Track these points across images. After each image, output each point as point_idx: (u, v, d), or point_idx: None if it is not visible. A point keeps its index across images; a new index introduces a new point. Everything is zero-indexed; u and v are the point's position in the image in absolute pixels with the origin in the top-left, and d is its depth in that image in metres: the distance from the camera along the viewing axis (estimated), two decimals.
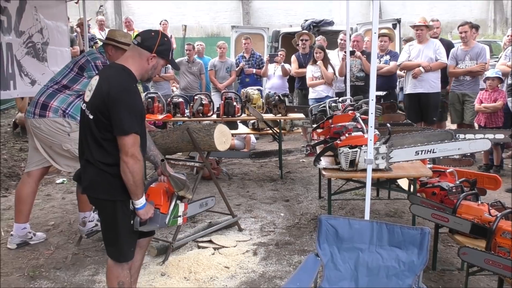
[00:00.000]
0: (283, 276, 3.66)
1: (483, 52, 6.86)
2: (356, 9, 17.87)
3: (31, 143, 4.28)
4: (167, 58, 2.80)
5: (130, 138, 2.52)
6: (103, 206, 2.72)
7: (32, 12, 5.39)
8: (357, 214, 5.02)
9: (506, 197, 5.39)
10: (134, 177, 2.54)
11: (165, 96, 7.51)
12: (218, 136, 4.21)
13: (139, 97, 2.71)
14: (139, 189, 2.59)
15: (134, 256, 2.81)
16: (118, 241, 2.70)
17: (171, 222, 2.82)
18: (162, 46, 2.71)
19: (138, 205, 2.62)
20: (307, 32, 9.01)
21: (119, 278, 2.75)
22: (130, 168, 2.52)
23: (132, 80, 2.66)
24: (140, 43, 2.68)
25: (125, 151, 2.52)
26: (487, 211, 3.10)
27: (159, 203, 2.76)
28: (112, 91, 2.53)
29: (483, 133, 4.81)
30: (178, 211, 2.85)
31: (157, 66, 2.76)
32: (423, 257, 2.51)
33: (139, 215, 2.65)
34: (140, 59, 2.69)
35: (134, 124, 2.54)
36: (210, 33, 20.02)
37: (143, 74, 2.75)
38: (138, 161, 2.54)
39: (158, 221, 2.74)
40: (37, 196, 4.96)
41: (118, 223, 2.67)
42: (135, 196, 2.60)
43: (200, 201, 4.10)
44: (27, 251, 4.22)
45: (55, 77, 4.22)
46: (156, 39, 2.70)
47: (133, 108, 2.57)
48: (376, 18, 3.47)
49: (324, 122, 4.44)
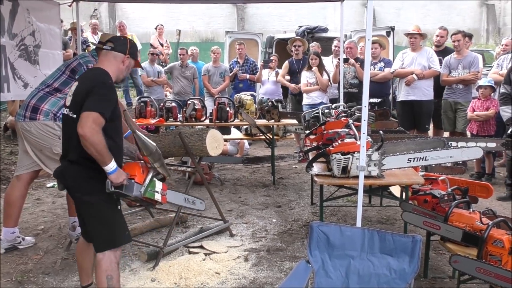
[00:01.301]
0: (274, 282, 3.64)
1: (476, 61, 6.91)
2: (351, 17, 17.98)
3: (21, 146, 4.23)
4: (136, 58, 3.15)
5: (95, 115, 2.66)
6: (88, 204, 2.85)
7: (24, 14, 5.36)
8: (349, 221, 5.01)
9: (497, 206, 5.41)
10: (95, 147, 2.65)
11: (158, 100, 7.50)
12: (210, 141, 4.18)
13: (114, 91, 2.88)
14: (105, 157, 2.70)
15: (130, 238, 3.01)
16: (112, 228, 2.89)
17: (148, 194, 2.94)
18: (132, 49, 3.07)
19: (108, 170, 2.73)
20: (300, 38, 9.03)
21: (107, 272, 2.83)
22: (89, 141, 2.63)
23: (109, 77, 2.88)
24: (113, 48, 3.00)
25: (83, 124, 2.63)
26: (478, 219, 3.09)
27: (134, 174, 2.91)
28: (90, 85, 2.79)
29: (475, 141, 4.82)
30: (154, 186, 3.00)
31: (129, 66, 3.09)
32: (414, 265, 2.50)
33: (111, 179, 2.76)
34: (115, 61, 2.99)
35: (103, 107, 2.71)
36: (204, 38, 20.02)
37: (119, 75, 3.03)
38: (97, 133, 2.65)
39: (133, 189, 2.85)
40: (27, 200, 4.92)
41: (108, 211, 2.86)
42: (103, 163, 2.71)
43: (186, 196, 4.01)
44: (15, 255, 4.17)
45: (47, 80, 4.19)
46: (127, 42, 3.07)
47: (105, 96, 2.78)
48: (370, 25, 3.47)
49: (317, 129, 4.43)
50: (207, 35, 20.25)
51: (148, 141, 3.14)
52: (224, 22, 20.04)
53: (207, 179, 5.88)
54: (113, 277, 2.84)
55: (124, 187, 2.82)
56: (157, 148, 3.19)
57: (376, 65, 7.60)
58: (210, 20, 20.29)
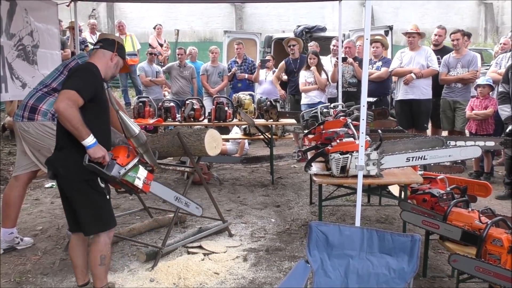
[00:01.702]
0: (273, 282, 3.63)
1: (475, 60, 6.91)
2: (349, 16, 18.01)
3: (19, 147, 4.22)
4: (124, 58, 3.35)
5: (72, 93, 2.79)
6: (78, 189, 3.01)
7: (22, 14, 5.34)
8: (348, 220, 5.01)
9: (496, 204, 5.41)
10: (70, 122, 2.78)
11: (157, 100, 7.48)
12: (208, 141, 4.18)
13: (96, 77, 3.03)
14: (81, 132, 2.82)
15: (116, 223, 3.22)
16: (99, 213, 3.08)
17: (126, 177, 3.05)
18: (120, 48, 3.28)
19: (86, 145, 2.85)
20: (294, 38, 9.02)
21: (101, 252, 3.10)
22: (63, 115, 2.75)
23: (94, 67, 3.06)
24: (102, 46, 3.22)
25: (58, 100, 2.77)
26: (477, 218, 3.09)
27: (117, 155, 3.04)
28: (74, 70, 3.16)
29: (473, 140, 4.82)
30: (137, 172, 3.12)
31: (118, 64, 3.28)
32: (413, 265, 2.49)
33: (89, 154, 2.88)
34: (104, 58, 3.19)
35: (80, 86, 2.84)
36: (203, 38, 20.03)
37: (107, 71, 3.20)
38: (71, 108, 2.77)
39: (112, 169, 2.97)
40: (25, 200, 4.92)
41: (94, 198, 3.03)
42: (80, 138, 2.84)
43: (179, 195, 4.00)
44: (14, 256, 4.16)
45: (45, 80, 4.17)
46: (115, 42, 3.28)
47: (85, 78, 2.94)
48: (368, 24, 3.47)
49: (316, 128, 4.42)
50: (205, 35, 20.27)
51: (131, 123, 3.23)
52: (222, 22, 20.06)
53: (205, 179, 5.88)
54: (106, 256, 3.12)
55: (105, 166, 2.94)
56: (141, 132, 3.27)
57: (374, 65, 7.59)
58: (208, 20, 20.31)
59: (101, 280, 3.17)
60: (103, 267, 3.13)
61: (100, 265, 3.11)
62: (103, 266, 3.13)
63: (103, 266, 3.13)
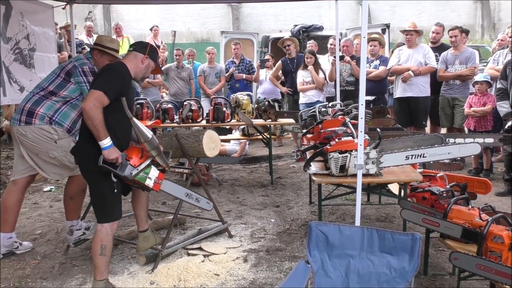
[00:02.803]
0: (274, 283, 3.62)
1: (473, 56, 6.91)
2: (346, 15, 18.02)
3: (17, 151, 4.20)
4: (156, 61, 3.51)
5: (98, 94, 3.04)
6: (91, 178, 3.31)
7: (18, 18, 5.33)
8: (348, 219, 5.00)
9: (496, 201, 5.40)
10: (92, 121, 3.02)
11: (154, 102, 7.47)
12: (207, 142, 4.16)
13: (123, 77, 3.25)
14: (100, 133, 3.06)
15: (119, 217, 3.41)
16: (104, 204, 3.30)
17: (138, 177, 3.25)
18: (152, 52, 3.47)
19: (102, 146, 3.08)
20: (289, 38, 9.01)
21: (102, 242, 3.27)
22: (88, 114, 3.00)
23: (125, 69, 3.27)
24: (135, 48, 3.42)
25: (86, 99, 3.04)
26: (477, 215, 3.08)
27: (131, 156, 3.26)
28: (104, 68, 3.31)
29: (473, 137, 4.81)
30: (149, 172, 3.31)
31: (148, 66, 3.46)
32: (414, 263, 2.48)
33: (103, 155, 3.11)
34: (135, 60, 3.38)
35: (109, 88, 3.09)
36: (200, 39, 20.02)
37: (137, 73, 3.40)
38: (96, 108, 3.01)
39: (125, 170, 3.19)
40: (24, 204, 4.90)
41: (102, 189, 3.25)
42: (98, 138, 3.08)
43: (189, 191, 4.05)
44: (13, 261, 4.14)
45: (42, 83, 4.15)
46: (148, 45, 3.49)
47: (112, 77, 3.16)
48: (365, 22, 3.45)
49: (314, 127, 4.41)
50: (202, 35, 20.26)
51: (144, 129, 3.32)
52: (219, 23, 20.06)
53: (204, 180, 5.87)
54: (106, 246, 3.28)
55: (118, 166, 3.16)
56: (153, 137, 3.35)
57: (371, 63, 7.58)
58: (205, 21, 20.30)
59: (101, 272, 3.31)
60: (103, 257, 3.28)
61: (100, 255, 3.27)
62: (103, 256, 3.28)
63: (104, 256, 3.28)
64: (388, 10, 19.96)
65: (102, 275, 3.32)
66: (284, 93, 8.53)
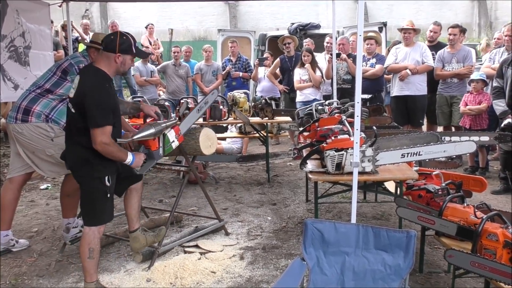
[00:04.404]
0: (270, 280, 3.63)
1: (470, 54, 6.93)
2: (343, 13, 18.00)
3: (13, 149, 4.19)
4: (131, 52, 3.30)
5: (100, 130, 3.05)
6: (84, 181, 3.28)
7: (13, 15, 5.32)
8: (344, 217, 5.01)
9: (491, 199, 5.43)
10: (111, 155, 3.14)
11: (152, 100, 7.46)
12: (203, 140, 4.16)
13: (111, 95, 3.20)
14: (121, 157, 3.19)
15: (109, 220, 3.42)
16: (94, 208, 3.29)
17: (166, 151, 3.55)
18: (123, 45, 3.22)
19: (129, 162, 3.23)
20: (289, 36, 9.00)
21: (90, 245, 3.27)
22: (104, 152, 3.10)
23: (105, 80, 3.19)
24: (104, 48, 3.24)
25: (94, 141, 3.06)
26: (472, 213, 3.09)
27: (148, 144, 3.45)
28: (87, 91, 3.10)
29: (468, 136, 4.83)
30: (168, 140, 3.55)
31: (125, 61, 3.29)
32: (409, 261, 2.50)
33: (134, 167, 3.32)
34: (108, 61, 3.23)
35: (105, 118, 3.08)
36: (197, 37, 19.98)
37: (114, 72, 3.29)
38: (107, 146, 3.08)
39: (154, 157, 3.46)
40: (20, 202, 4.90)
41: (94, 194, 3.25)
42: (121, 160, 3.21)
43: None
44: (9, 258, 4.13)
45: (38, 81, 4.14)
46: (116, 40, 3.22)
47: (104, 104, 3.09)
48: (361, 20, 3.46)
49: (311, 125, 4.41)
50: (199, 33, 20.23)
51: (146, 132, 3.39)
52: (216, 21, 20.02)
53: (201, 178, 5.87)
54: (94, 249, 3.27)
55: (147, 161, 3.38)
56: (154, 128, 3.43)
57: (368, 61, 7.59)
58: (202, 19, 20.26)
59: (90, 275, 3.32)
60: (91, 260, 3.29)
61: (89, 258, 3.27)
62: (91, 259, 3.28)
63: (92, 260, 3.29)
64: (385, 9, 19.96)
65: (92, 277, 3.33)
66: (281, 91, 8.54)
